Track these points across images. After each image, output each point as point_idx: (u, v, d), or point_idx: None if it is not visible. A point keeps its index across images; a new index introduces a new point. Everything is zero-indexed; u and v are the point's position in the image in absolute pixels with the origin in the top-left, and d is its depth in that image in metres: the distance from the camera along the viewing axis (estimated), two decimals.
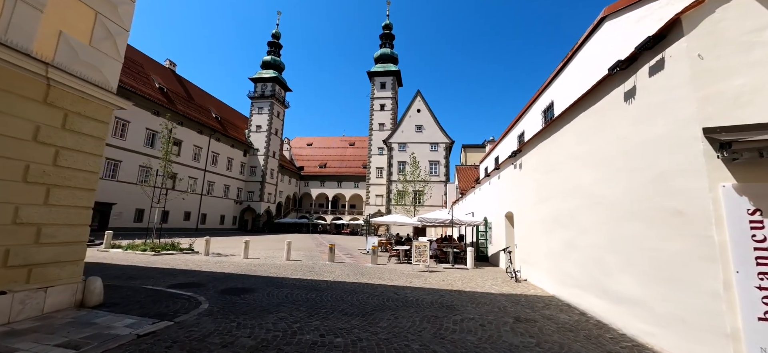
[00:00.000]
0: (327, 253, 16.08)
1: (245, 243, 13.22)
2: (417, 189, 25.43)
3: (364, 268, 11.36)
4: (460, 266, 12.61)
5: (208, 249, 13.64)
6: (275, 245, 21.06)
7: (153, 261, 11.00)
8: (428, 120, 49.08)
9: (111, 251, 12.97)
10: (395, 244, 17.80)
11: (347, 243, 27.17)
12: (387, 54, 56.88)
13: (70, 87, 4.71)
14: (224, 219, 46.39)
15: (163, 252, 13.10)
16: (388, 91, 54.41)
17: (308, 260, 13.33)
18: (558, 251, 7.50)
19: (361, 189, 59.56)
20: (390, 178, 47.16)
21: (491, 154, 20.04)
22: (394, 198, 45.90)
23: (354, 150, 69.67)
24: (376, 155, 52.12)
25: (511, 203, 11.67)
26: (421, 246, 11.21)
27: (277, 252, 15.85)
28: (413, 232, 44.23)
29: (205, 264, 10.90)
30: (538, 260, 8.87)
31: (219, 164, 44.84)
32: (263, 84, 55.23)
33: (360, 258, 14.92)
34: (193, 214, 40.23)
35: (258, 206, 50.32)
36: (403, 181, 24.85)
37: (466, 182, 33.15)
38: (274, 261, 12.53)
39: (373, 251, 12.48)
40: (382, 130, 52.69)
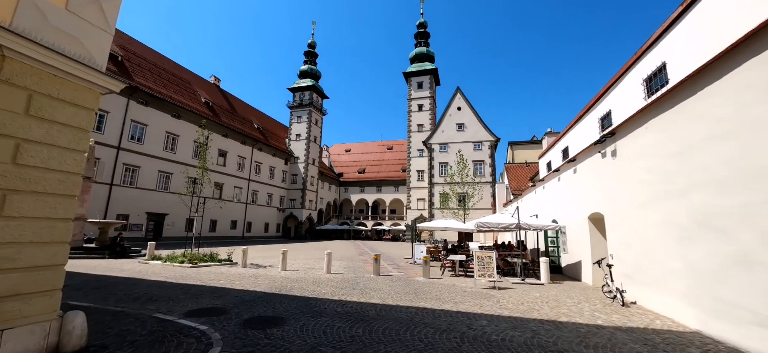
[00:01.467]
0: (371, 264, 14.56)
1: (283, 254, 12.05)
2: (465, 191, 23.06)
3: (417, 284, 9.56)
4: (533, 281, 10.32)
5: (245, 260, 12.70)
6: (316, 254, 20.00)
7: (187, 275, 10.13)
8: (470, 117, 46.23)
9: (151, 263, 12.50)
10: (447, 253, 15.81)
11: (390, 251, 25.52)
12: (423, 53, 54.97)
13: (37, 60, 3.52)
14: (268, 227, 47.13)
15: (200, 264, 12.37)
16: (426, 90, 52.35)
17: (351, 272, 11.83)
18: (709, 269, 5.15)
19: (402, 194, 57.84)
20: (432, 181, 44.94)
21: (555, 146, 17.31)
22: (439, 201, 43.63)
23: (392, 154, 68.32)
24: (415, 157, 50.17)
25: (599, 202, 9.22)
26: (485, 256, 9.16)
27: (318, 263, 14.59)
28: (458, 238, 41.66)
29: (239, 279, 9.80)
30: (660, 278, 6.47)
31: (262, 173, 45.71)
32: (301, 93, 55.96)
33: (408, 270, 13.13)
34: (239, 223, 41.14)
35: (300, 213, 50.64)
36: (449, 183, 22.70)
37: (519, 181, 30.08)
38: (313, 274, 11.18)
39: (424, 262, 10.64)
40: (421, 131, 50.70)
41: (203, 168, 14.49)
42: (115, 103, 27.19)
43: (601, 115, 12.09)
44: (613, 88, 11.12)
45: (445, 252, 15.94)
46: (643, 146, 7.05)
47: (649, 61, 9.20)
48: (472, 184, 24.96)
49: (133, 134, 28.90)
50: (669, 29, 8.16)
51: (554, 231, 13.02)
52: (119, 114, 27.61)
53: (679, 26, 7.94)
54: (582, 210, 10.43)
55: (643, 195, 7.02)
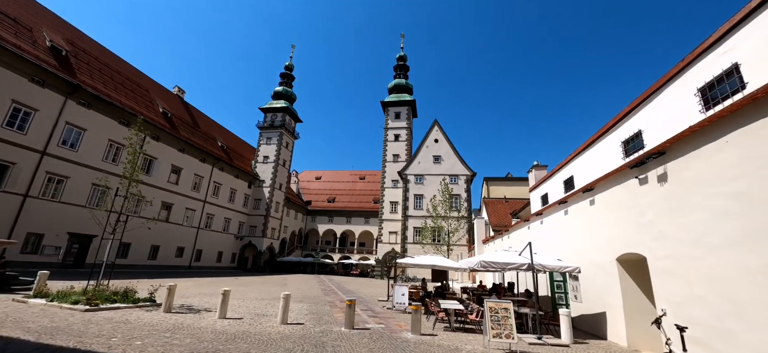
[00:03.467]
0: (339, 308, 11.69)
1: (224, 295, 8.96)
2: (448, 224, 21.00)
3: (408, 348, 6.94)
4: (553, 340, 8.05)
5: (171, 301, 9.40)
6: (272, 291, 16.62)
7: (68, 326, 6.84)
8: (447, 150, 45.56)
9: (30, 302, 8.87)
10: (432, 297, 13.28)
11: (361, 290, 22.44)
12: (401, 84, 54.89)
13: None
14: (222, 257, 42.01)
15: (103, 305, 8.93)
16: (403, 121, 51.63)
17: (315, 323, 8.96)
18: None
19: (372, 226, 55.03)
20: (406, 213, 42.83)
21: (554, 177, 15.87)
22: (413, 234, 41.25)
23: (365, 184, 66.03)
24: (390, 188, 48.15)
25: (634, 239, 7.38)
26: (500, 308, 6.82)
27: (271, 306, 11.48)
28: (434, 277, 39.11)
29: (148, 335, 6.69)
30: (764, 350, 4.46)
31: (220, 195, 41.32)
32: (273, 114, 53.14)
33: (388, 319, 10.43)
34: (187, 250, 36.04)
35: (260, 242, 45.98)
36: (430, 216, 20.58)
37: (499, 217, 28.68)
38: (262, 325, 8.22)
39: (413, 311, 8.08)
40: (396, 161, 49.19)
41: (131, 177, 11.27)
42: (48, 101, 23.00)
43: (626, 138, 10.68)
44: (647, 104, 9.80)
45: (430, 295, 13.45)
46: (719, 166, 5.30)
47: (711, 65, 7.73)
48: (457, 218, 22.97)
49: (67, 139, 24.47)
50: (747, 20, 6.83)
51: (561, 275, 11.06)
52: (51, 113, 23.31)
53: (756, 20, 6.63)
54: (605, 249, 8.56)
55: (724, 232, 5.17)
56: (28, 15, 24.92)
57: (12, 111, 21.13)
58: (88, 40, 30.78)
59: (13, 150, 21.24)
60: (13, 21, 22.88)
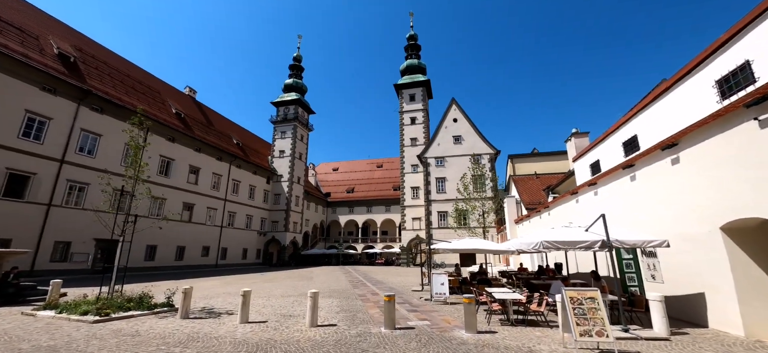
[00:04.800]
0: (373, 304, 10.49)
1: (244, 296, 7.89)
2: (485, 207, 19.41)
3: (470, 352, 5.60)
4: (644, 332, 6.51)
5: (187, 306, 8.44)
6: (298, 287, 15.68)
7: (73, 342, 5.94)
8: (467, 129, 43.43)
9: (39, 315, 8.12)
10: (470, 283, 11.89)
11: (390, 279, 21.32)
12: (414, 65, 52.66)
13: None
14: (247, 254, 42.02)
15: (115, 314, 8.07)
16: (418, 102, 49.65)
17: (349, 323, 7.78)
18: None
19: (394, 214, 53.89)
20: (429, 198, 41.29)
21: (607, 141, 13.88)
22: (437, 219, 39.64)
23: (383, 172, 64.76)
24: (409, 173, 46.67)
25: (753, 202, 5.68)
26: (585, 298, 5.36)
27: (298, 305, 10.43)
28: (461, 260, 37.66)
29: (157, 350, 5.65)
30: None
31: (240, 193, 41.08)
32: (285, 107, 52.36)
33: (431, 313, 9.14)
34: (213, 249, 36.06)
35: (283, 237, 45.77)
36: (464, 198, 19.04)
37: (531, 194, 26.75)
38: (289, 330, 7.09)
39: (466, 304, 6.71)
40: (414, 145, 47.50)
41: (137, 175, 10.35)
42: (61, 108, 22.75)
43: (724, 74, 8.67)
44: (758, 24, 7.84)
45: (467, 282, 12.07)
46: None
47: None
48: (486, 199, 21.31)
49: (83, 146, 24.30)
50: None
51: (629, 252, 9.39)
52: (65, 121, 23.10)
53: None
54: (700, 217, 6.87)
55: None
56: (33, 23, 24.62)
57: (27, 121, 20.92)
58: (95, 46, 30.50)
59: (32, 160, 21.12)
60: (19, 30, 22.55)
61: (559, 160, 36.42)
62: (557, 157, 37.45)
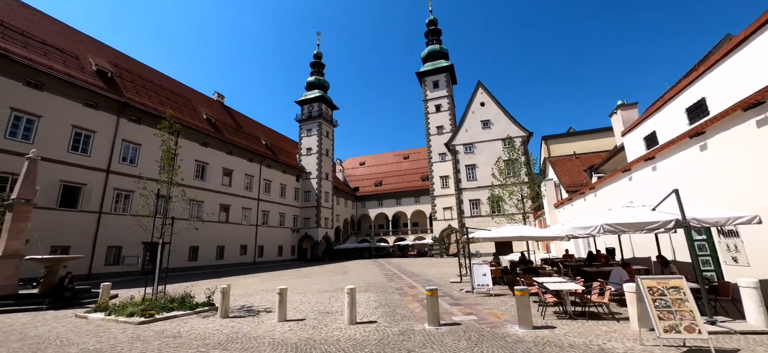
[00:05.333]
0: (411, 297, 10.03)
1: (280, 294, 7.70)
2: (525, 192, 18.35)
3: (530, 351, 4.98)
4: (740, 325, 5.55)
5: (226, 306, 8.41)
6: (333, 282, 15.56)
7: (117, 344, 5.96)
8: (496, 113, 41.65)
9: (90, 318, 8.43)
10: (513, 273, 11.09)
11: (425, 270, 20.81)
12: (436, 50, 51.11)
13: None
14: (282, 250, 43.10)
15: (159, 315, 8.20)
16: (443, 89, 48.21)
17: (389, 319, 7.36)
18: None
19: (424, 205, 53.10)
20: (459, 186, 40.16)
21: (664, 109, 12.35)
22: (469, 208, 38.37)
23: (410, 163, 64.01)
24: (438, 162, 45.64)
25: None
26: (668, 288, 4.56)
27: (335, 301, 10.19)
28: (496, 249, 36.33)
29: (203, 347, 5.52)
30: None
31: (272, 192, 42.09)
32: (309, 105, 52.85)
33: (476, 307, 8.54)
34: (250, 247, 37.27)
35: (315, 233, 46.51)
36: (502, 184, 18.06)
37: (572, 176, 25.09)
38: (328, 328, 6.79)
39: (519, 297, 6.05)
40: (441, 133, 46.31)
41: (170, 180, 10.51)
42: (102, 122, 24.12)
43: None
44: None
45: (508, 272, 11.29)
46: None
47: None
48: (531, 183, 20.13)
49: (126, 155, 25.69)
50: None
51: (702, 232, 8.22)
52: (108, 133, 24.49)
53: None
54: None
55: None
56: (72, 44, 26.16)
57: (74, 135, 22.32)
58: (129, 61, 32.04)
59: (82, 172, 22.56)
60: (61, 51, 24.02)
61: (600, 137, 33.95)
62: (597, 135, 34.91)
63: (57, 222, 20.83)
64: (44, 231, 19.99)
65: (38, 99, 20.82)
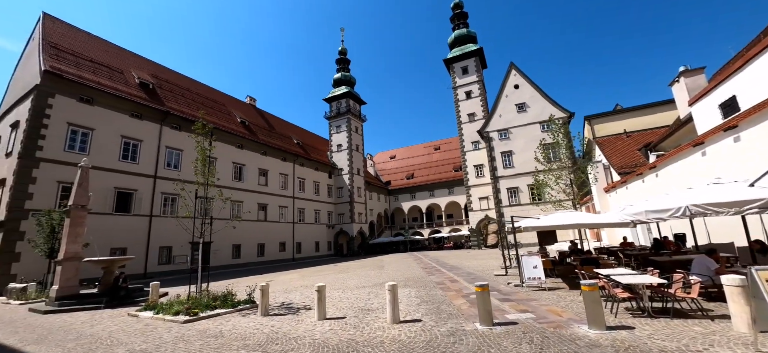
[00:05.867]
0: (455, 292, 9.39)
1: (319, 292, 7.40)
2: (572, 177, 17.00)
3: None
4: None
5: (266, 303, 8.29)
6: (371, 277, 15.25)
7: (162, 344, 5.96)
8: (532, 94, 39.25)
9: (141, 316, 8.70)
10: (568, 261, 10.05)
11: (465, 263, 19.97)
12: (463, 34, 49.01)
13: None
14: (319, 246, 43.90)
15: (203, 313, 8.27)
16: (472, 74, 46.23)
17: (435, 319, 6.81)
18: None
19: (458, 196, 51.67)
20: (495, 174, 38.42)
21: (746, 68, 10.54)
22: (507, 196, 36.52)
23: (441, 154, 62.60)
24: (471, 151, 44.02)
25: None
26: None
27: (374, 297, 9.80)
28: (538, 239, 34.40)
29: (242, 350, 5.32)
30: None
31: (306, 189, 42.88)
32: (337, 102, 53.17)
33: (529, 302, 7.76)
34: (288, 244, 38.30)
35: (350, 228, 46.90)
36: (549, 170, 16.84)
37: (624, 156, 22.92)
38: (370, 327, 6.38)
39: (588, 293, 5.23)
40: (473, 121, 44.54)
41: (207, 181, 10.64)
42: (147, 130, 25.60)
43: None
44: None
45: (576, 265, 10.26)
46: None
47: None
48: (577, 166, 18.57)
49: (170, 161, 27.15)
50: None
51: None
52: (153, 141, 25.98)
53: None
54: None
55: None
56: (116, 60, 27.94)
57: (123, 145, 23.86)
58: (168, 72, 33.76)
59: (133, 179, 24.10)
60: (107, 68, 25.71)
61: (654, 112, 30.76)
62: (650, 111, 31.61)
63: (114, 226, 22.41)
64: (104, 234, 21.58)
65: (90, 113, 22.41)
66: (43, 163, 19.88)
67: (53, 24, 25.46)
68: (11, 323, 9.09)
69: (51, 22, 25.44)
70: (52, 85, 20.73)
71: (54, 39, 23.84)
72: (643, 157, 22.17)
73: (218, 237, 28.97)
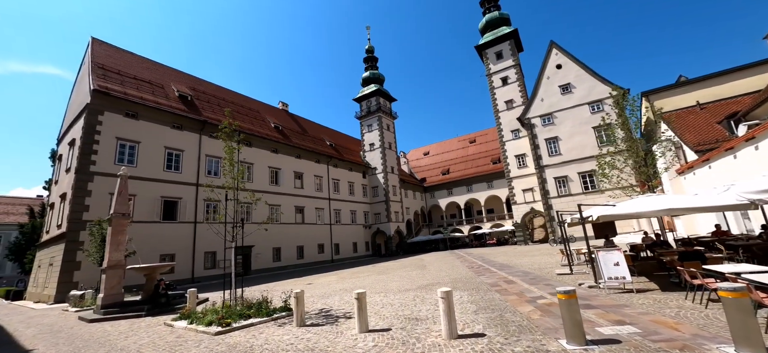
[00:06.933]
0: (518, 297, 7.91)
1: (359, 301, 6.39)
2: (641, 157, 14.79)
3: None
4: None
5: (301, 313, 7.45)
6: (413, 279, 14.08)
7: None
8: (578, 73, 35.86)
9: (176, 325, 8.29)
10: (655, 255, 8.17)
11: (515, 261, 18.15)
12: (495, 18, 46.18)
13: None
14: (357, 247, 43.49)
15: (236, 323, 7.63)
16: (508, 59, 43.38)
17: (503, 334, 5.53)
18: None
19: (498, 189, 48.84)
20: (540, 163, 35.57)
21: None
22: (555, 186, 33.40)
23: (477, 147, 59.75)
24: (511, 140, 41.26)
25: None
26: None
27: (421, 301, 8.64)
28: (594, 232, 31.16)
29: None
30: None
31: (341, 190, 42.66)
32: (367, 100, 52.58)
33: (621, 310, 6.19)
34: (326, 245, 38.22)
35: (387, 227, 46.03)
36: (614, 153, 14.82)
37: (699, 132, 19.79)
38: (422, 345, 5.24)
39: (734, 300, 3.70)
40: (511, 108, 41.77)
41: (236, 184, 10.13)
42: (188, 140, 26.46)
43: None
44: None
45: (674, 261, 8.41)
46: None
47: None
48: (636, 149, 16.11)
49: (210, 169, 27.91)
50: None
51: None
52: (193, 150, 26.80)
53: None
54: None
55: None
56: (157, 76, 29.23)
57: (167, 156, 24.76)
58: (206, 84, 34.96)
59: (177, 187, 24.95)
60: (149, 83, 26.91)
61: (731, 80, 26.58)
62: (724, 78, 27.28)
63: (162, 234, 23.26)
64: (153, 242, 22.49)
65: (136, 127, 23.46)
66: (97, 176, 20.99)
67: (100, 47, 27.16)
68: (58, 333, 9.11)
69: (98, 45, 27.15)
70: (101, 102, 21.90)
71: (101, 60, 25.36)
72: (725, 131, 18.93)
73: (260, 241, 29.73)
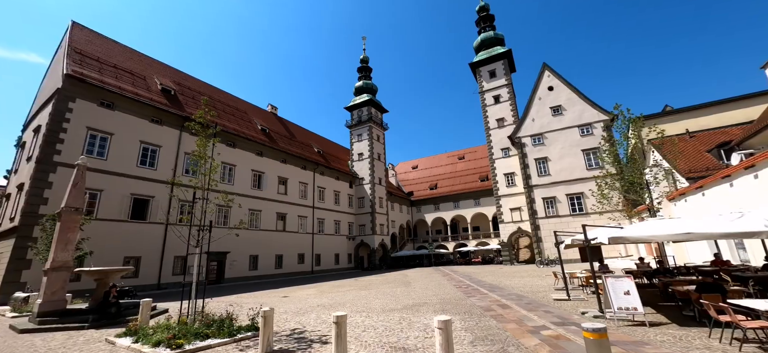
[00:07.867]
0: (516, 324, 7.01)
1: (337, 325, 5.36)
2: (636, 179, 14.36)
3: None
4: None
5: (268, 336, 6.32)
6: (398, 297, 13.05)
7: None
8: (569, 96, 36.26)
9: (118, 343, 7.00)
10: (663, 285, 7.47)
11: (504, 281, 17.33)
12: (490, 37, 46.77)
13: None
14: (339, 258, 42.02)
15: (189, 345, 6.43)
16: (500, 78, 43.75)
17: None
18: None
19: (485, 207, 48.57)
20: (529, 183, 35.37)
21: None
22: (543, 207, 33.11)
23: (465, 163, 59.71)
24: (501, 159, 41.12)
25: None
26: None
27: (408, 325, 7.64)
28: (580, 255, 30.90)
29: None
30: None
31: (326, 199, 41.40)
32: (359, 110, 51.95)
33: (640, 346, 5.37)
34: (307, 256, 36.65)
35: (371, 240, 44.80)
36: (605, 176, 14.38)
37: (690, 159, 19.75)
38: None
39: None
40: (502, 126, 41.82)
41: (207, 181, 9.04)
42: (167, 136, 24.95)
43: None
44: None
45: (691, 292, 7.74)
46: None
47: None
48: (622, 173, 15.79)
49: (188, 167, 26.32)
50: None
51: None
52: (172, 147, 25.27)
53: None
54: None
55: None
56: (140, 66, 27.77)
57: (142, 151, 23.18)
58: (191, 80, 33.56)
59: (150, 185, 23.29)
60: (130, 73, 25.43)
61: (717, 111, 27.27)
62: (711, 109, 28.00)
63: (128, 234, 21.51)
64: (117, 242, 20.74)
65: (110, 118, 21.90)
66: (61, 167, 19.27)
67: (81, 32, 25.61)
68: None
69: (79, 30, 25.59)
70: (74, 89, 20.35)
71: (80, 45, 23.82)
72: (714, 159, 18.95)
73: (235, 248, 28.06)
